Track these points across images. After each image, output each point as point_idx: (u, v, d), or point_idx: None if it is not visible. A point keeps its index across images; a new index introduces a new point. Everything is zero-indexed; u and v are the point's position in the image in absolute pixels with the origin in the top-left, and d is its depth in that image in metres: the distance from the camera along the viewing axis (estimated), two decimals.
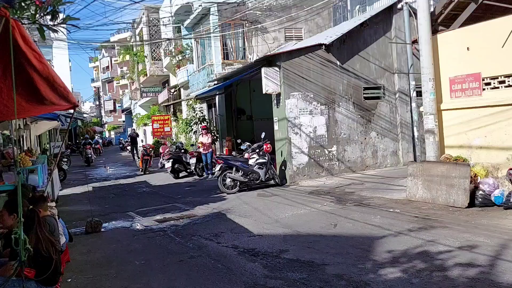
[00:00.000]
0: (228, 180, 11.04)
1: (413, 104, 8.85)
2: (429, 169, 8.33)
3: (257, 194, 10.72)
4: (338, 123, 12.33)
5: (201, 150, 14.66)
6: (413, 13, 11.95)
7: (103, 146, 39.82)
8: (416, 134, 8.74)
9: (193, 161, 14.93)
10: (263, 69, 11.77)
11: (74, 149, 39.37)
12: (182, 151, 15.81)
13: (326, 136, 12.18)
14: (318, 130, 12.09)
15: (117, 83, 59.12)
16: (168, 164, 14.93)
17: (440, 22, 8.91)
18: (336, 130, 12.30)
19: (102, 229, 8.02)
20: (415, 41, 9.37)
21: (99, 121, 65.80)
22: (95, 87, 75.28)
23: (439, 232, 6.22)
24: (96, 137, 27.09)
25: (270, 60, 12.19)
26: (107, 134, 72.92)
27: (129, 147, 28.00)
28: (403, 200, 8.63)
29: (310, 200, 9.36)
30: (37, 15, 7.39)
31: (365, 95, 12.66)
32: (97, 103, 74.03)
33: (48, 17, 7.11)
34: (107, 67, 65.56)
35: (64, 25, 7.46)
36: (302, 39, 17.79)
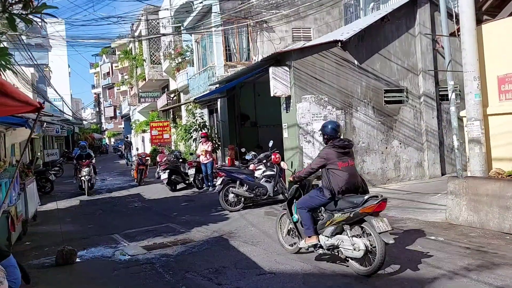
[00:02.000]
0: (231, 195, 9.57)
1: (452, 108, 7.44)
2: (475, 187, 6.84)
3: (265, 213, 9.24)
4: (356, 130, 10.87)
5: (201, 159, 13.21)
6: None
7: (101, 153, 37.26)
8: (456, 143, 7.31)
9: (192, 171, 13.46)
10: (271, 69, 10.35)
11: (71, 157, 38.02)
12: (180, 160, 14.36)
13: None
14: None
15: (117, 89, 57.92)
16: (164, 175, 13.46)
17: (485, 11, 7.47)
18: (354, 138, 10.83)
19: (78, 259, 6.55)
20: (452, 34, 7.93)
21: (99, 128, 64.45)
22: (95, 93, 74.19)
23: (508, 274, 4.73)
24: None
25: (278, 59, 10.79)
26: (107, 141, 71.65)
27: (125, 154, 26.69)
28: (442, 224, 7.14)
29: None
30: (7, 3, 5.80)
31: (386, 99, 11.22)
32: (97, 109, 72.86)
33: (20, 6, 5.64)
34: (108, 73, 64.51)
35: (39, 15, 6.04)
36: (311, 40, 16.39)
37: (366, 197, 4.92)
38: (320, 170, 5.35)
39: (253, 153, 10.65)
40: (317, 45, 10.80)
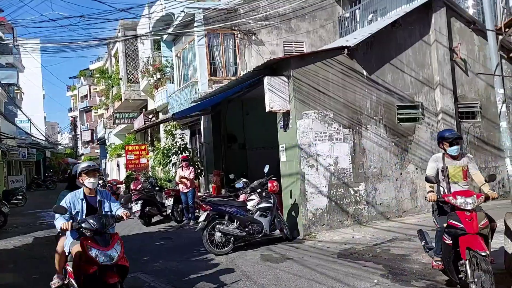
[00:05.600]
0: (217, 235, 7.60)
1: (503, 124, 5.79)
2: None
3: (261, 257, 7.30)
4: (366, 152, 9.15)
5: (180, 187, 11.27)
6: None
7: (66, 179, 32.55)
8: (510, 169, 5.66)
9: (169, 202, 11.46)
10: (266, 79, 8.61)
11: (40, 184, 35.43)
12: (156, 188, 12.34)
13: (351, 170, 8.96)
14: (341, 161, 8.87)
15: (95, 112, 55.66)
16: (136, 207, 11.35)
17: None
18: (364, 162, 9.10)
19: None
20: (499, 30, 6.36)
21: (74, 152, 61.50)
22: (72, 116, 71.54)
23: None
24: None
25: (274, 68, 9.08)
26: None
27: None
28: (503, 277, 5.34)
29: (347, 272, 6.00)
30: None
31: (399, 116, 9.59)
32: (73, 133, 70.02)
33: None
34: (86, 95, 62.35)
35: None
36: None
37: None
38: None
39: (244, 180, 8.79)
40: (320, 52, 9.18)
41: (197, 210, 11.26)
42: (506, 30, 5.87)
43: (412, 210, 9.51)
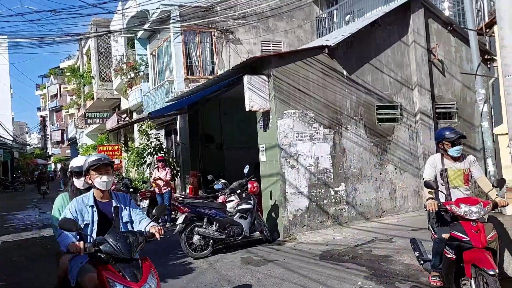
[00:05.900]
0: (196, 237, 7.35)
1: (485, 124, 5.78)
2: None
3: (241, 260, 7.10)
4: (346, 152, 9.09)
5: (156, 189, 10.94)
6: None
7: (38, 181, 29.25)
8: (492, 169, 5.69)
9: (144, 204, 11.11)
10: (246, 78, 8.42)
11: (7, 185, 34.11)
12: (131, 190, 11.97)
13: (332, 171, 8.87)
14: (321, 162, 8.77)
15: (66, 112, 54.06)
16: None
17: None
18: (344, 162, 9.04)
19: None
20: (480, 30, 6.38)
21: (43, 153, 59.59)
22: (41, 116, 69.36)
23: None
24: None
25: (254, 67, 8.90)
26: (52, 167, 66.57)
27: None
28: None
29: (330, 274, 5.88)
30: None
31: (378, 116, 9.58)
32: (43, 133, 67.88)
33: None
34: (56, 94, 60.53)
35: None
36: None
37: None
38: None
39: (223, 181, 8.58)
40: (300, 51, 9.06)
41: (173, 212, 10.98)
42: (487, 30, 5.90)
43: (391, 210, 9.52)
